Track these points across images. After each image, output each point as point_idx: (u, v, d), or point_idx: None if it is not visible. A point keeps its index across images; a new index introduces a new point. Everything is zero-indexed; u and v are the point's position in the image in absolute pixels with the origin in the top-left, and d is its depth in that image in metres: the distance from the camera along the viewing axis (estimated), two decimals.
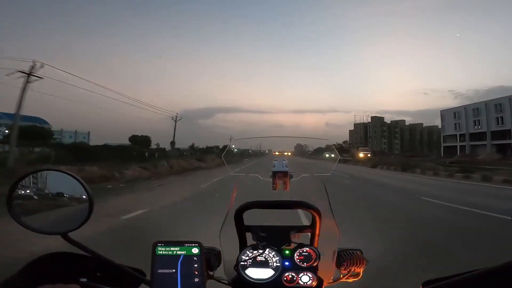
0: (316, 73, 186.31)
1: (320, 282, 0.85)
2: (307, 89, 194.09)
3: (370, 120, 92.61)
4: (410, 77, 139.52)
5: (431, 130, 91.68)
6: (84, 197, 0.66)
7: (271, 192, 0.89)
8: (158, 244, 0.70)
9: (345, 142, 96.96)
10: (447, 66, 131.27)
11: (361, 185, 12.02)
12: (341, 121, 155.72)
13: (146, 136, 36.17)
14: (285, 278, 0.84)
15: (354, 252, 0.88)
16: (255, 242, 0.87)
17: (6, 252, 3.05)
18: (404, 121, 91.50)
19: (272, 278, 0.83)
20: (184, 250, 0.70)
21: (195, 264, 0.69)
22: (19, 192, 0.65)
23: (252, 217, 0.92)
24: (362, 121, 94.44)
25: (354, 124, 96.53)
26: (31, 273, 0.68)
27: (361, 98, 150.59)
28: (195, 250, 0.70)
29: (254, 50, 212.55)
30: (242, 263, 0.84)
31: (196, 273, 0.69)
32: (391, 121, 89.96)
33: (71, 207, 0.67)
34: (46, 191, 0.69)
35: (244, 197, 0.92)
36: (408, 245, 3.73)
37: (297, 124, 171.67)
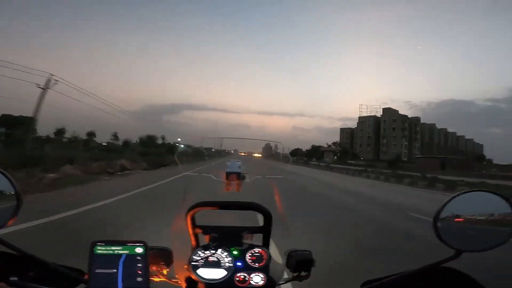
0: (285, 77, 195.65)
1: (271, 282, 0.89)
2: (275, 91, 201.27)
3: (382, 113, 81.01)
4: (372, 87, 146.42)
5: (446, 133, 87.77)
6: (11, 193, 0.65)
7: (225, 192, 0.94)
8: (98, 244, 0.71)
9: (335, 143, 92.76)
10: (406, 77, 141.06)
11: None
12: (308, 125, 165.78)
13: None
14: (237, 279, 0.87)
15: (304, 253, 0.92)
16: (207, 243, 0.90)
17: None
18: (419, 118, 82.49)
19: (224, 278, 0.86)
20: (127, 250, 0.71)
21: (138, 263, 0.71)
22: None
23: (206, 217, 0.96)
24: (370, 114, 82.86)
25: (358, 117, 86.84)
26: None
27: (326, 104, 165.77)
28: (139, 250, 0.72)
29: (224, 50, 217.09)
30: (193, 263, 0.87)
31: (140, 272, 0.70)
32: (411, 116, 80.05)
33: None
34: None
35: (197, 198, 0.96)
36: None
37: (264, 125, 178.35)
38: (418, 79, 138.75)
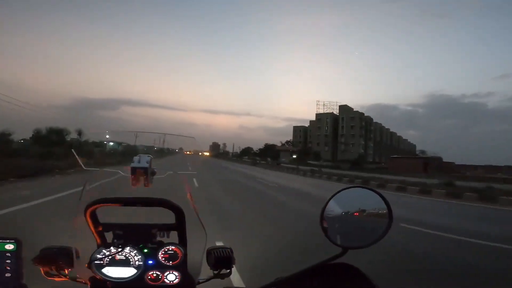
0: (233, 76, 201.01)
1: (189, 280, 0.87)
2: (222, 90, 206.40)
3: (339, 111, 79.37)
4: (316, 89, 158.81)
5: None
6: None
7: (140, 189, 0.87)
8: None
9: (288, 142, 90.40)
10: (341, 81, 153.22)
11: None
12: (253, 124, 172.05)
13: None
14: (149, 277, 0.85)
15: (224, 250, 0.92)
16: (112, 241, 0.87)
17: None
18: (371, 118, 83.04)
19: (134, 277, 0.84)
20: None
21: (7, 260, 0.74)
22: None
23: (115, 216, 0.91)
24: (327, 111, 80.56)
25: (316, 114, 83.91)
26: None
27: (272, 104, 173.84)
28: (9, 247, 0.75)
29: (170, 46, 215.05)
30: (96, 262, 0.83)
31: (8, 268, 0.74)
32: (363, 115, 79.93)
33: None
34: None
35: (100, 195, 0.88)
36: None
37: (210, 124, 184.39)
38: (352, 82, 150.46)
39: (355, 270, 0.76)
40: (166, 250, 0.88)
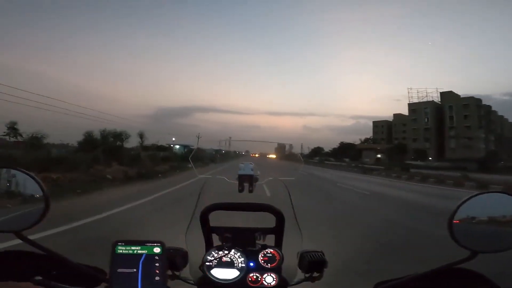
0: (294, 76, 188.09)
1: (283, 282, 0.90)
2: (284, 91, 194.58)
3: (440, 99, 59.76)
4: (383, 84, 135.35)
5: None
6: (39, 196, 0.69)
7: (238, 194, 0.96)
8: (118, 244, 0.74)
9: (367, 139, 76.18)
10: (419, 73, 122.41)
11: None
12: (318, 124, 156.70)
13: None
14: (249, 279, 0.90)
15: (316, 254, 0.92)
16: (221, 243, 0.93)
17: None
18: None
19: (237, 279, 0.89)
20: (145, 250, 0.73)
21: (156, 263, 0.72)
22: None
23: (219, 219, 1.00)
24: (423, 100, 61.48)
25: (408, 104, 65.29)
26: None
27: (337, 103, 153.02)
28: (157, 250, 0.73)
29: (233, 52, 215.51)
30: (207, 263, 0.91)
31: (157, 272, 0.72)
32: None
33: (27, 206, 0.70)
34: (1, 189, 0.71)
35: (210, 199, 1.01)
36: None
37: (274, 126, 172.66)
38: (430, 73, 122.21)
39: (479, 277, 0.71)
40: (265, 253, 0.93)
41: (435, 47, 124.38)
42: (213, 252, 0.93)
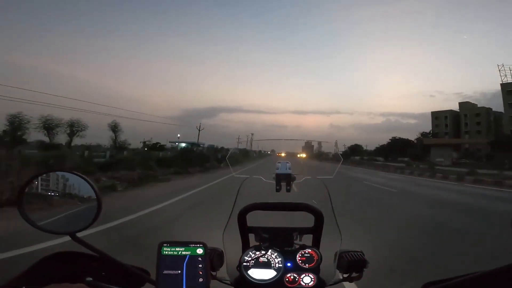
0: (319, 75, 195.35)
1: (321, 283, 0.90)
2: (309, 90, 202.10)
3: None
4: (414, 79, 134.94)
5: None
6: (92, 197, 0.71)
7: (274, 194, 0.96)
8: (164, 244, 0.73)
9: (425, 134, 60.55)
10: (453, 68, 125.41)
11: None
12: (345, 122, 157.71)
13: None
14: (287, 279, 0.89)
15: (355, 254, 0.91)
16: (258, 243, 0.93)
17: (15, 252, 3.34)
18: None
19: (274, 279, 0.89)
20: (189, 251, 0.73)
21: (199, 264, 0.72)
22: (31, 192, 0.71)
23: (254, 219, 1.00)
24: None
25: (501, 84, 48.27)
26: (37, 273, 0.73)
27: (365, 100, 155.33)
28: (199, 251, 0.73)
29: (257, 52, 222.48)
30: (244, 263, 0.91)
31: (201, 273, 0.71)
32: None
33: (80, 208, 0.72)
34: (56, 191, 0.73)
35: (246, 199, 1.01)
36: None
37: (299, 125, 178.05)
38: (467, 69, 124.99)
39: None
40: (303, 253, 0.92)
41: (471, 40, 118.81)
42: (250, 252, 0.93)
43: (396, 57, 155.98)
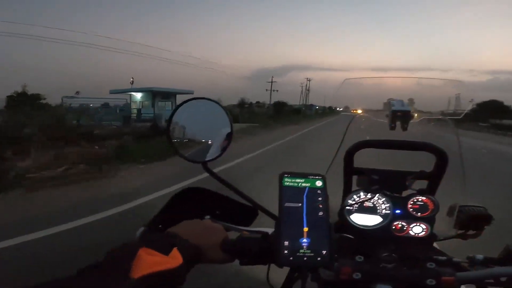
0: (405, 27, 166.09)
1: (432, 235, 0.85)
2: (393, 45, 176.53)
3: None
4: None
5: None
6: (225, 128, 0.70)
7: (384, 134, 0.89)
8: (285, 175, 0.70)
9: None
10: None
11: None
12: (437, 81, 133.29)
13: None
14: (394, 227, 0.85)
15: (477, 209, 0.85)
16: (362, 187, 0.88)
17: None
18: None
19: (380, 226, 0.85)
20: (308, 183, 0.70)
21: (319, 197, 0.69)
22: (176, 120, 0.71)
23: (360, 161, 0.93)
24: None
25: None
26: (172, 211, 0.79)
27: (463, 55, 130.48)
28: (319, 183, 0.70)
29: (333, 8, 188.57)
30: (348, 207, 0.86)
31: (321, 206, 0.68)
32: None
33: (213, 138, 0.71)
34: (196, 120, 0.73)
35: (354, 139, 0.93)
36: None
37: (377, 83, 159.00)
38: None
39: None
40: (416, 200, 0.86)
41: None
42: (355, 196, 0.87)
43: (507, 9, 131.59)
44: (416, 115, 0.91)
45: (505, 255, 0.69)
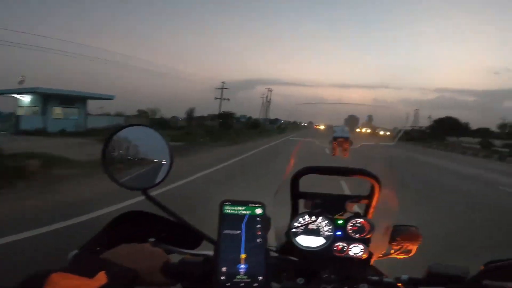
0: (364, 47, 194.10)
1: (370, 254, 0.89)
2: (353, 63, 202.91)
3: None
4: (477, 54, 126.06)
5: None
6: (164, 155, 0.70)
7: (325, 159, 0.96)
8: (225, 203, 0.72)
9: None
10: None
11: None
12: (391, 98, 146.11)
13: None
14: (335, 248, 0.89)
15: (409, 228, 0.91)
16: (307, 210, 0.92)
17: None
18: None
19: (323, 247, 0.88)
20: (249, 210, 0.72)
21: (258, 225, 0.71)
22: (112, 146, 0.70)
23: (304, 186, 0.98)
24: None
25: None
26: (108, 235, 0.75)
27: (415, 74, 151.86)
28: (258, 211, 0.73)
29: (297, 23, 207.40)
30: (293, 229, 0.89)
31: (259, 233, 0.70)
32: None
33: (152, 164, 0.71)
34: (133, 146, 0.73)
35: (298, 164, 0.98)
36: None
37: (340, 99, 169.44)
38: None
39: None
40: (354, 222, 0.91)
41: None
42: (300, 218, 0.91)
43: (454, 30, 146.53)
44: (353, 142, 0.98)
45: (428, 276, 0.75)
